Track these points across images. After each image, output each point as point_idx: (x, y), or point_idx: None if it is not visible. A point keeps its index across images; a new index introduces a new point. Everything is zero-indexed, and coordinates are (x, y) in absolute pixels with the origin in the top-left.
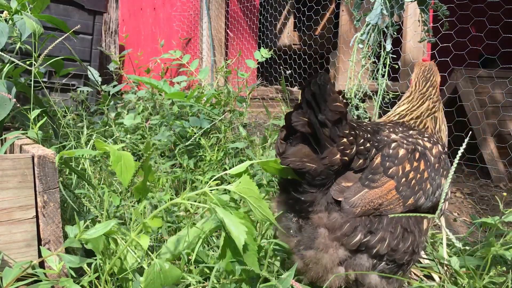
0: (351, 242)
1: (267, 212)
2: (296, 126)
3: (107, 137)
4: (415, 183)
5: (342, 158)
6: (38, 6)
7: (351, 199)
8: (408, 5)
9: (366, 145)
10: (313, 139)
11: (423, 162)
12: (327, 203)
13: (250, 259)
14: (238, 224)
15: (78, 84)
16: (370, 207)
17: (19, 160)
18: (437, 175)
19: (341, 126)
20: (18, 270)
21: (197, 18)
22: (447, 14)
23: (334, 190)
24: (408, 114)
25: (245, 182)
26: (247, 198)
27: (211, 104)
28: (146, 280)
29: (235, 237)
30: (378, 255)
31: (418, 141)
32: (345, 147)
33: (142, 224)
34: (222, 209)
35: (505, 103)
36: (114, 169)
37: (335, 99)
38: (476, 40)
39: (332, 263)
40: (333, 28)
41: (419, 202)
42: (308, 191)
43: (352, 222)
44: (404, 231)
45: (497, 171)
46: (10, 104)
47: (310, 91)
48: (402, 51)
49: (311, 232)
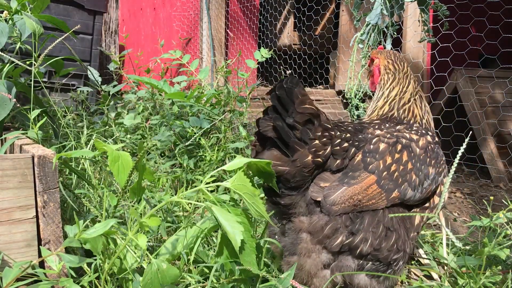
0: (333, 244)
1: (261, 209)
2: (265, 132)
3: (107, 137)
4: (398, 175)
5: (314, 159)
6: (38, 6)
7: (330, 197)
8: (408, 5)
9: (343, 145)
10: (281, 143)
11: (406, 153)
12: (306, 205)
13: (248, 257)
14: (234, 222)
15: (78, 84)
16: (350, 204)
17: (19, 160)
18: (424, 165)
19: (313, 127)
20: (18, 270)
21: (197, 18)
22: (447, 14)
23: (312, 191)
24: (402, 98)
25: (240, 179)
26: (242, 195)
27: (211, 104)
28: (144, 280)
29: (231, 237)
30: (361, 255)
31: (403, 134)
32: (317, 149)
33: (139, 223)
34: (218, 207)
35: (505, 103)
36: (112, 169)
37: (303, 101)
38: (476, 40)
39: (315, 267)
40: (333, 28)
41: (406, 195)
42: (286, 194)
43: (333, 224)
44: (387, 229)
45: (497, 171)
46: (10, 104)
47: (276, 95)
48: (402, 51)
49: (294, 237)
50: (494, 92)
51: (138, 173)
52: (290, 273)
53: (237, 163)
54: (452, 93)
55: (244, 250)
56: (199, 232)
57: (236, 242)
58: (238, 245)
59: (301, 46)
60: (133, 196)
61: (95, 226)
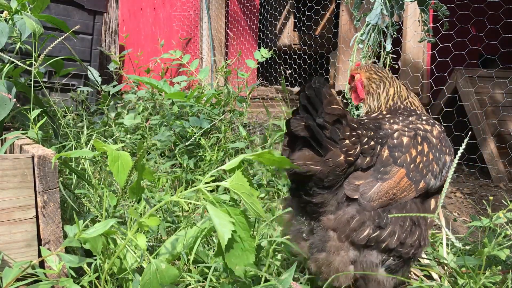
0: (360, 236)
1: (258, 208)
2: (296, 132)
3: (107, 137)
4: (423, 167)
5: (346, 159)
6: (38, 6)
7: (367, 194)
8: (408, 5)
9: (371, 143)
10: (314, 142)
11: (426, 144)
12: (337, 204)
13: (234, 258)
14: (225, 221)
15: (78, 84)
16: (386, 198)
17: (19, 160)
18: (441, 154)
19: (341, 127)
20: (18, 270)
21: (197, 18)
22: (447, 14)
23: (348, 189)
24: (401, 95)
25: (239, 179)
26: (240, 194)
27: (211, 104)
28: (143, 280)
29: (220, 235)
30: (388, 249)
31: (417, 125)
32: (348, 148)
33: (138, 223)
34: (212, 207)
35: (505, 103)
36: (111, 169)
37: (330, 102)
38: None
39: (344, 265)
40: (333, 28)
41: (430, 184)
42: (318, 193)
43: (360, 216)
44: (413, 223)
45: (497, 171)
46: (10, 104)
47: (305, 95)
48: (402, 51)
49: (323, 234)
50: (494, 92)
51: (138, 172)
52: (290, 273)
53: (235, 161)
54: (452, 93)
55: (232, 249)
56: (199, 232)
57: (223, 241)
58: (224, 244)
59: (301, 46)
60: (132, 196)
61: (95, 226)
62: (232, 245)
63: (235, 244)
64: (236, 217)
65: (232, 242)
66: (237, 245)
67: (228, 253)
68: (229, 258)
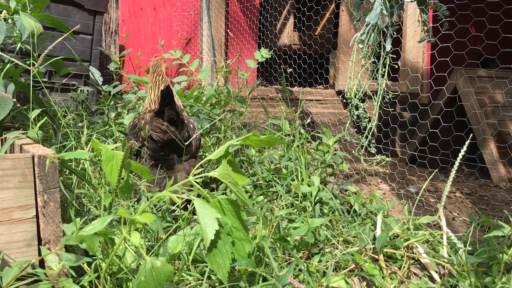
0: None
1: (244, 196)
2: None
3: (107, 137)
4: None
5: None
6: (38, 6)
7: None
8: (408, 5)
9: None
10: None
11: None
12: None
13: (218, 258)
14: (211, 216)
15: (78, 84)
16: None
17: (19, 160)
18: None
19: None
20: (18, 270)
21: (197, 18)
22: (447, 14)
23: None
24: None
25: (225, 167)
26: (227, 183)
27: (211, 104)
28: (138, 279)
29: (203, 230)
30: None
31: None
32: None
33: (130, 220)
34: (199, 202)
35: (505, 103)
36: (105, 168)
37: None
38: (476, 40)
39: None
40: (333, 28)
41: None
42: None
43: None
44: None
45: (497, 171)
46: (10, 104)
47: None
48: (402, 51)
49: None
50: (494, 92)
51: (125, 170)
52: (289, 270)
53: (221, 149)
54: (452, 93)
55: (216, 248)
56: (199, 230)
57: (207, 236)
58: (209, 240)
59: (301, 46)
60: (123, 195)
61: (92, 223)
62: (216, 244)
63: (224, 238)
64: (227, 206)
65: (217, 241)
66: (226, 239)
67: (211, 253)
68: (213, 258)
